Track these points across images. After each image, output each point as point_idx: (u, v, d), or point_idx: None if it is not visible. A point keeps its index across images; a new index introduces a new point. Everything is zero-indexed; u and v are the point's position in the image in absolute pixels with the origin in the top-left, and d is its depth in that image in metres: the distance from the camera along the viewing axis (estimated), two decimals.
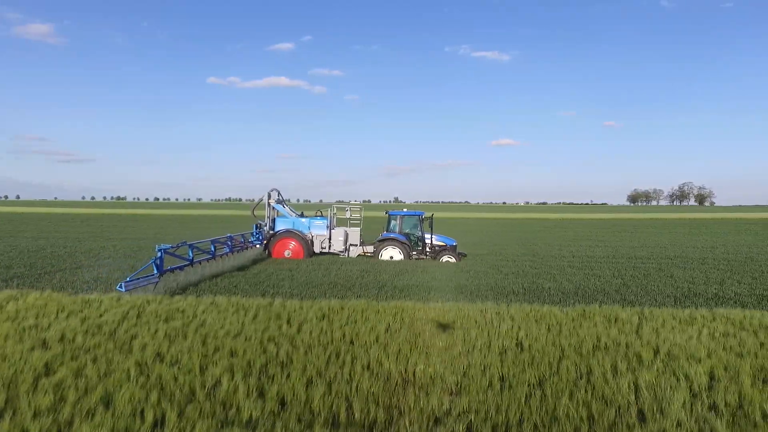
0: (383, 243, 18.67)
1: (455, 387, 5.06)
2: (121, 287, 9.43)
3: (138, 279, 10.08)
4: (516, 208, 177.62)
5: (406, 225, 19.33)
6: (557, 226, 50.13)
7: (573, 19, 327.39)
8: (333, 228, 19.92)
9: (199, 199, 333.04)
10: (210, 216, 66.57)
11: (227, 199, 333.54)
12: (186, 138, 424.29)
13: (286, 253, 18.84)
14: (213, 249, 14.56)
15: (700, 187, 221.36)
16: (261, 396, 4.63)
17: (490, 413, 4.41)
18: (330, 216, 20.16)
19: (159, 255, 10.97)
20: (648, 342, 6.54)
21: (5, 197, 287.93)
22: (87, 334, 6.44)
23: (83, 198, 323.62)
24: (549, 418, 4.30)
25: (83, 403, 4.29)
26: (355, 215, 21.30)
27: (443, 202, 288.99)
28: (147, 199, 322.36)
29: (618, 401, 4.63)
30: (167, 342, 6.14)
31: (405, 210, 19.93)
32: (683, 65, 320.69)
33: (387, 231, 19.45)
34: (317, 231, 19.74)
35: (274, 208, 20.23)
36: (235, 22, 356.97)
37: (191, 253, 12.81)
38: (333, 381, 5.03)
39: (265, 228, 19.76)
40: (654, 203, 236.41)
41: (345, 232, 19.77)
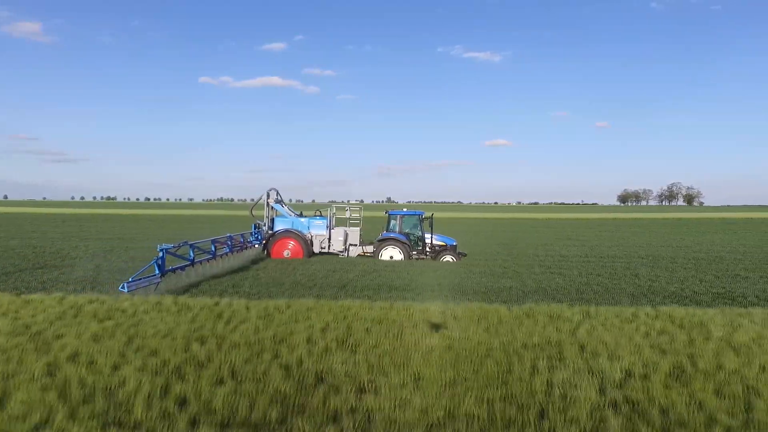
0: (383, 243, 18.58)
1: (367, 385, 5.03)
2: (123, 288, 9.27)
3: (139, 280, 9.89)
4: (507, 208, 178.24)
5: (406, 225, 19.24)
6: (543, 226, 50.35)
7: (565, 21, 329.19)
8: (332, 228, 19.83)
9: (191, 199, 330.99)
10: (198, 216, 66.19)
11: (219, 199, 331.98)
12: (178, 138, 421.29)
13: (285, 253, 18.69)
14: (213, 249, 14.42)
15: (688, 188, 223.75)
16: (165, 396, 4.58)
17: (393, 411, 4.39)
18: (329, 216, 20.07)
19: (161, 255, 10.81)
20: (578, 340, 6.56)
21: None
22: (11, 334, 6.35)
23: (72, 198, 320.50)
24: (447, 416, 4.28)
25: None
26: (355, 215, 21.14)
27: (436, 202, 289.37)
28: (138, 199, 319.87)
29: (523, 400, 4.62)
30: (91, 342, 6.07)
31: (405, 210, 19.84)
32: (673, 67, 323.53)
33: (387, 231, 19.35)
34: (316, 231, 19.63)
35: (273, 207, 20.08)
36: (227, 21, 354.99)
37: (192, 253, 12.66)
38: (244, 380, 4.99)
39: (264, 228, 19.63)
40: (644, 203, 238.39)
41: (344, 231, 19.67)
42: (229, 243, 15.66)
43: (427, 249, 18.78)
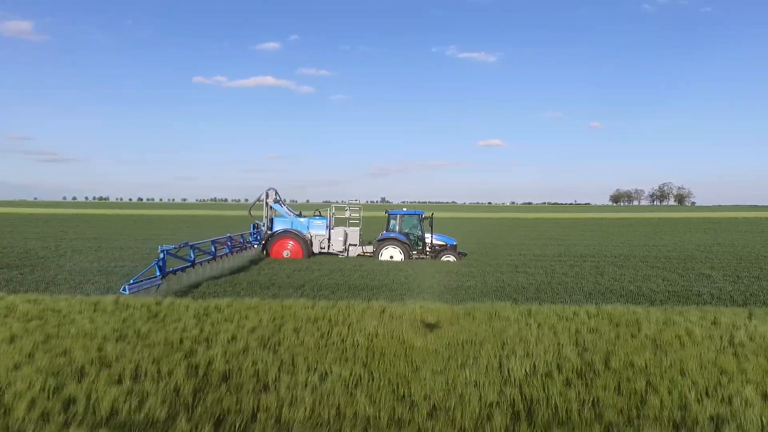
0: (383, 243, 18.50)
1: (272, 383, 5.00)
2: (125, 290, 9.14)
3: (141, 281, 9.78)
4: (500, 208, 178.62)
5: (405, 224, 19.15)
6: (530, 225, 50.47)
7: (559, 22, 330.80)
8: (332, 228, 19.75)
9: (184, 200, 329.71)
10: (189, 217, 65.85)
11: (212, 200, 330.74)
12: (171, 138, 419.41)
13: (284, 254, 18.61)
14: (213, 249, 14.33)
15: (679, 187, 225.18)
16: (53, 396, 4.52)
17: (283, 410, 4.35)
18: (329, 216, 20.00)
19: (162, 256, 10.69)
20: (502, 338, 6.55)
21: None
22: None
23: (64, 198, 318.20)
24: (336, 416, 4.25)
25: None
26: (355, 215, 21.03)
27: (431, 202, 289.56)
28: (130, 200, 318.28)
29: (418, 399, 4.60)
30: (4, 343, 6.00)
31: (405, 209, 19.76)
32: (664, 68, 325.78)
33: (387, 230, 19.25)
34: (316, 231, 19.54)
35: (272, 207, 19.96)
36: (221, 20, 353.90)
37: (192, 254, 12.58)
38: (144, 380, 4.94)
39: (263, 228, 19.53)
40: (635, 203, 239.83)
41: (344, 231, 19.60)
42: (229, 243, 15.58)
43: (427, 249, 18.74)
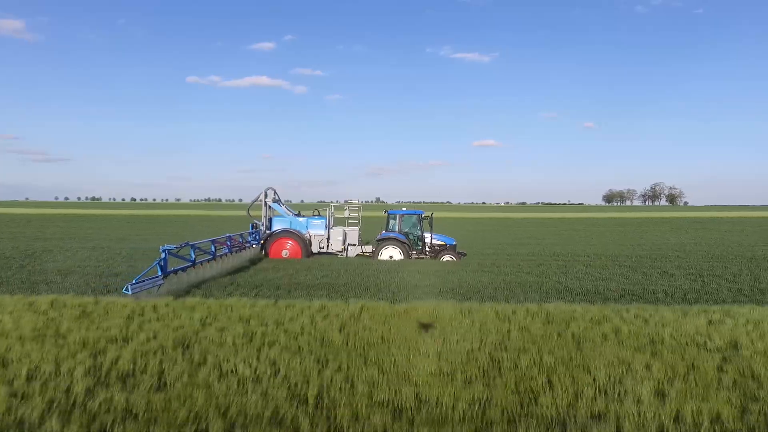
0: (383, 242, 18.41)
1: (172, 382, 4.95)
2: (127, 290, 9.04)
3: (143, 282, 9.68)
4: (492, 208, 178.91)
5: (405, 224, 19.07)
6: (515, 225, 50.62)
7: (553, 23, 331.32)
8: (331, 227, 19.66)
9: (178, 200, 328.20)
10: (180, 217, 65.54)
11: (206, 200, 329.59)
12: (165, 137, 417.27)
13: (283, 253, 18.50)
14: (213, 249, 14.22)
15: (670, 187, 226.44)
16: None
17: (164, 410, 4.32)
18: (328, 215, 19.89)
19: (163, 256, 10.60)
20: (420, 336, 6.55)
21: None
22: None
23: (56, 198, 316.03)
24: (192, 417, 4.22)
25: None
26: (354, 215, 20.90)
27: (426, 202, 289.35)
28: (123, 200, 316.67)
29: (308, 397, 4.58)
30: None
31: (404, 209, 19.67)
32: (657, 69, 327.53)
33: (386, 230, 19.16)
34: (315, 230, 19.43)
35: (270, 207, 19.85)
36: (216, 20, 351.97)
37: (193, 254, 12.49)
38: (36, 380, 4.89)
39: (262, 228, 19.41)
40: (628, 203, 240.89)
41: (343, 231, 19.51)
42: (229, 243, 15.50)
43: (427, 249, 18.68)
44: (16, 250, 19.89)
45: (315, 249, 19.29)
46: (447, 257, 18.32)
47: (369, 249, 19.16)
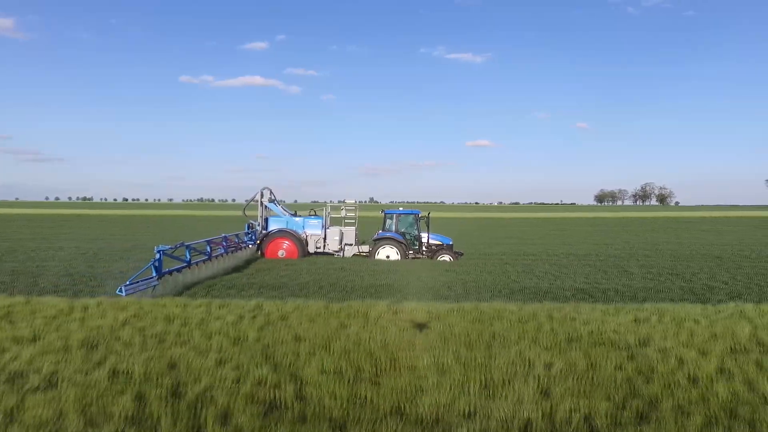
0: (379, 242, 18.35)
1: (47, 382, 4.90)
2: (121, 291, 8.95)
3: (137, 282, 9.59)
4: (484, 208, 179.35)
5: (402, 224, 19.02)
6: (501, 225, 50.76)
7: (545, 24, 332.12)
8: (328, 227, 19.59)
9: (171, 200, 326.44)
10: (163, 217, 65.16)
11: (199, 200, 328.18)
12: (157, 137, 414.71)
13: (279, 253, 18.41)
14: (209, 250, 14.12)
15: (660, 188, 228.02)
16: None
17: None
18: (325, 215, 19.83)
19: (158, 257, 10.47)
20: (335, 335, 6.53)
21: None
22: None
23: (47, 198, 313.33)
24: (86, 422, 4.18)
25: None
26: (350, 214, 20.75)
27: (419, 202, 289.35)
28: (115, 200, 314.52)
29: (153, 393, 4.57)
30: None
31: (401, 209, 19.64)
32: (649, 69, 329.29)
33: (383, 230, 19.11)
34: (312, 230, 19.35)
35: (267, 207, 19.74)
36: (209, 20, 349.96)
37: (188, 255, 12.37)
38: None
39: (258, 228, 19.32)
40: (619, 203, 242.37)
41: (340, 231, 19.48)
42: (224, 244, 15.37)
43: (424, 248, 18.63)
44: None
45: (311, 249, 19.23)
46: (444, 257, 18.26)
47: (366, 249, 19.13)
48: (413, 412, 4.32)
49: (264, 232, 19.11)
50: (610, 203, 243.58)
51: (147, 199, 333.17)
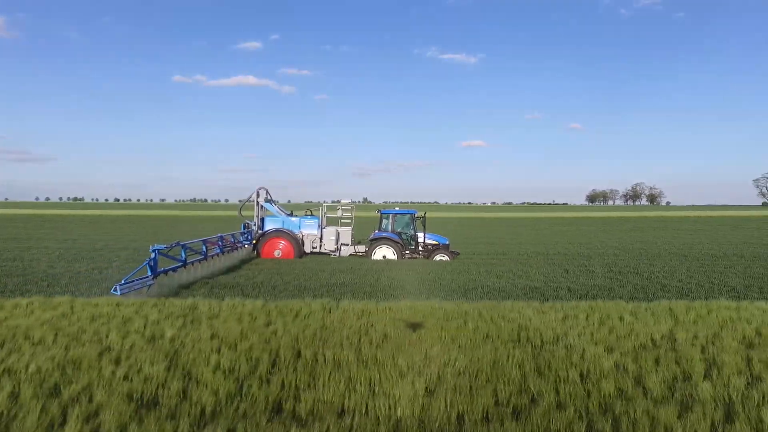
0: (376, 242, 18.31)
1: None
2: (116, 290, 8.86)
3: (132, 282, 9.49)
4: (478, 208, 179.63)
5: (398, 224, 18.96)
6: (486, 225, 50.90)
7: (538, 25, 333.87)
8: (324, 227, 19.56)
9: (163, 200, 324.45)
10: (152, 217, 64.81)
11: (192, 200, 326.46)
12: (150, 137, 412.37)
13: (275, 253, 18.37)
14: (205, 249, 14.03)
15: (651, 188, 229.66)
16: None
17: None
18: (321, 215, 19.77)
19: (153, 256, 10.38)
20: (258, 335, 6.52)
21: None
22: None
23: (37, 199, 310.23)
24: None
25: None
26: (347, 214, 20.78)
27: (413, 202, 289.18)
28: (107, 200, 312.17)
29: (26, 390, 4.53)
30: None
31: (397, 209, 19.60)
32: (641, 71, 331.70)
33: (379, 230, 19.05)
34: (308, 230, 19.36)
35: (263, 207, 19.68)
36: (202, 19, 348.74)
37: (184, 254, 12.30)
38: None
39: (254, 228, 19.23)
40: (610, 203, 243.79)
41: (336, 231, 19.45)
42: (220, 243, 15.32)
43: (420, 248, 18.59)
44: None
45: (308, 249, 19.23)
46: (440, 257, 18.25)
47: (362, 249, 19.14)
48: (290, 408, 4.32)
49: (260, 231, 19.08)
50: (601, 203, 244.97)
51: (139, 200, 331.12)
